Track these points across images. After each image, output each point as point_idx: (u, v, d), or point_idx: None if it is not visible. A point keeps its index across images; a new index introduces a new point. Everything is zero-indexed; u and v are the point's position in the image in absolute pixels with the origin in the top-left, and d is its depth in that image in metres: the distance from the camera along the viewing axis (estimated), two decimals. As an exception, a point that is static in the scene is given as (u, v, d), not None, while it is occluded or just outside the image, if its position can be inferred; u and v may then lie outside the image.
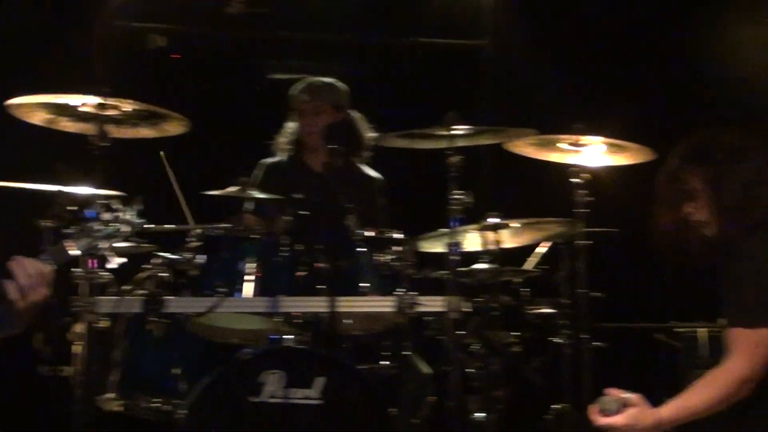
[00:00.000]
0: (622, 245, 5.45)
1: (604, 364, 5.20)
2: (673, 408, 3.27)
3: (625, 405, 3.25)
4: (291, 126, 5.58)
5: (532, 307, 5.35)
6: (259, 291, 4.59)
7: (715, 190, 3.41)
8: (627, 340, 5.79)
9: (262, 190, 5.08)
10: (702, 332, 5.58)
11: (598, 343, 5.15)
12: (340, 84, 5.57)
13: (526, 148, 5.22)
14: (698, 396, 3.27)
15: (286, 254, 4.64)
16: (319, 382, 4.33)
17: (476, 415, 4.90)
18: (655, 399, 3.39)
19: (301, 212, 4.74)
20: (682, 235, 3.47)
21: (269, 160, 5.59)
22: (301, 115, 5.50)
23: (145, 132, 4.89)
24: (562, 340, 5.25)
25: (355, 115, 5.53)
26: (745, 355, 3.25)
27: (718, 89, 6.26)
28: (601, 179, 5.29)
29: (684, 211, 3.46)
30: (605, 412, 3.26)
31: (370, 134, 5.48)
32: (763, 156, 3.45)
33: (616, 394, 3.27)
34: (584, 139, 5.09)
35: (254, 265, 4.61)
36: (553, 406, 5.17)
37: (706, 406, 3.26)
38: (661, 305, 5.97)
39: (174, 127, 4.88)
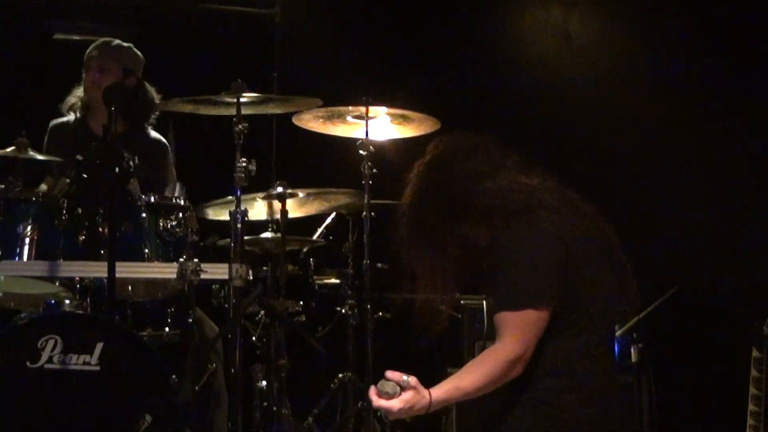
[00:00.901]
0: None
1: (389, 334, 5.29)
2: (444, 389, 3.32)
3: (402, 388, 3.28)
4: (81, 88, 5.45)
5: (318, 276, 5.39)
6: (37, 254, 4.48)
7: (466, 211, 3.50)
8: (411, 311, 5.87)
9: (46, 151, 4.94)
10: (487, 304, 5.71)
11: (382, 314, 5.23)
12: (135, 50, 5.46)
13: (314, 122, 5.24)
14: (469, 377, 3.33)
15: (66, 218, 4.53)
16: (98, 348, 4.26)
17: (259, 383, 4.91)
18: (440, 368, 3.50)
19: (82, 175, 4.63)
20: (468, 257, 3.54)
21: (56, 121, 5.45)
22: (87, 71, 5.36)
23: None
24: (346, 310, 5.32)
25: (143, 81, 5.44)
26: (513, 337, 3.33)
27: (503, 64, 6.44)
28: (388, 151, 5.36)
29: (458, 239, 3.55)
30: (383, 395, 3.29)
31: (156, 99, 5.40)
32: (490, 152, 3.55)
33: (395, 377, 3.31)
34: (370, 110, 5.14)
35: (31, 228, 4.50)
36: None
37: (477, 387, 3.32)
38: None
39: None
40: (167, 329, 4.77)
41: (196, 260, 4.61)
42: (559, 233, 3.41)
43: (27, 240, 4.51)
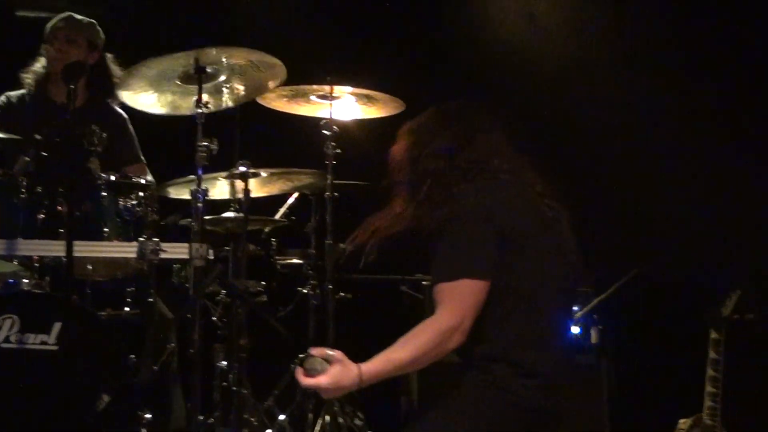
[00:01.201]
0: (371, 198, 5.53)
1: (350, 314, 5.29)
2: (377, 362, 3.26)
3: (330, 363, 3.23)
4: (42, 60, 5.41)
5: (280, 257, 5.39)
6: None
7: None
8: (373, 292, 5.88)
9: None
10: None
11: (344, 294, 5.23)
12: (98, 27, 5.43)
13: (278, 101, 5.22)
14: (404, 349, 3.27)
15: (25, 196, 4.51)
16: (56, 327, 4.24)
17: (220, 363, 4.91)
18: None
19: (41, 153, 4.61)
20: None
21: (11, 93, 5.41)
22: (53, 42, 5.32)
23: None
24: (308, 290, 5.32)
25: (108, 56, 5.42)
26: (448, 307, 3.32)
27: (470, 45, 6.44)
28: (352, 132, 5.36)
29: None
30: (310, 372, 3.24)
31: (119, 74, 5.37)
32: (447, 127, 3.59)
33: (320, 353, 3.27)
34: (335, 90, 5.13)
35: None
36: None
37: (411, 358, 3.27)
38: (409, 259, 6.08)
39: None
40: (126, 309, 4.76)
41: (156, 239, 4.60)
42: (501, 210, 3.42)
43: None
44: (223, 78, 4.73)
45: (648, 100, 6.08)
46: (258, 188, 5.23)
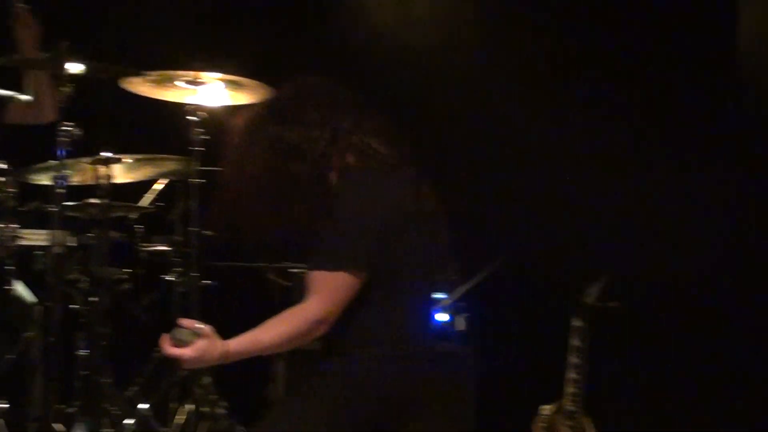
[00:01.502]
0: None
1: (217, 302, 5.25)
2: (242, 341, 3.27)
3: (198, 336, 3.23)
4: None
5: (145, 244, 5.31)
6: None
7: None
8: (240, 280, 5.84)
9: None
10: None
11: (208, 282, 5.19)
12: None
13: (143, 86, 5.15)
14: (270, 332, 3.29)
15: None
16: None
17: (80, 351, 4.82)
18: None
19: None
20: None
21: None
22: None
23: None
24: (173, 278, 5.26)
25: None
26: (322, 297, 3.32)
27: (340, 31, 6.42)
28: (219, 118, 5.30)
29: None
30: (177, 343, 3.23)
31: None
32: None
33: (189, 325, 3.26)
34: (202, 76, 5.07)
35: None
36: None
37: (276, 343, 3.30)
38: (275, 246, 6.06)
39: None
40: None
41: (14, 226, 4.50)
42: (381, 200, 3.41)
43: None
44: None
45: (516, 86, 6.13)
46: (124, 174, 5.16)
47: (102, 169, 4.96)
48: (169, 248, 5.32)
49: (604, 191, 5.97)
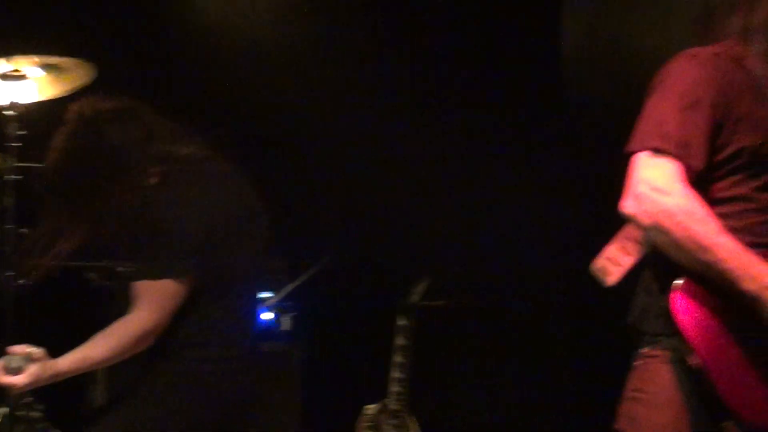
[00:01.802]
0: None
1: (34, 302, 5.09)
2: (73, 359, 3.30)
3: (30, 361, 3.24)
4: None
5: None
6: None
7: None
8: (59, 278, 5.69)
9: None
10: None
11: (23, 281, 5.03)
12: None
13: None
14: (99, 347, 3.31)
15: None
16: None
17: None
18: (87, 333, 3.42)
19: None
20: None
21: None
22: None
23: None
24: (-13, 278, 5.08)
25: None
26: (149, 307, 3.31)
27: (173, 25, 6.29)
28: (37, 112, 5.14)
29: None
30: (10, 371, 3.23)
31: None
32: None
33: (21, 350, 3.25)
34: (16, 61, 4.88)
35: None
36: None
37: (107, 357, 3.31)
38: (95, 245, 5.91)
39: None
40: None
41: None
42: (204, 204, 3.38)
43: None
44: None
45: (343, 83, 6.12)
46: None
47: None
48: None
49: (432, 192, 6.03)
